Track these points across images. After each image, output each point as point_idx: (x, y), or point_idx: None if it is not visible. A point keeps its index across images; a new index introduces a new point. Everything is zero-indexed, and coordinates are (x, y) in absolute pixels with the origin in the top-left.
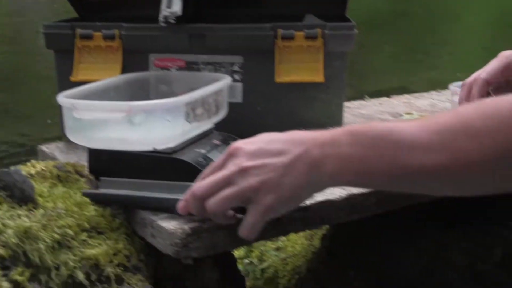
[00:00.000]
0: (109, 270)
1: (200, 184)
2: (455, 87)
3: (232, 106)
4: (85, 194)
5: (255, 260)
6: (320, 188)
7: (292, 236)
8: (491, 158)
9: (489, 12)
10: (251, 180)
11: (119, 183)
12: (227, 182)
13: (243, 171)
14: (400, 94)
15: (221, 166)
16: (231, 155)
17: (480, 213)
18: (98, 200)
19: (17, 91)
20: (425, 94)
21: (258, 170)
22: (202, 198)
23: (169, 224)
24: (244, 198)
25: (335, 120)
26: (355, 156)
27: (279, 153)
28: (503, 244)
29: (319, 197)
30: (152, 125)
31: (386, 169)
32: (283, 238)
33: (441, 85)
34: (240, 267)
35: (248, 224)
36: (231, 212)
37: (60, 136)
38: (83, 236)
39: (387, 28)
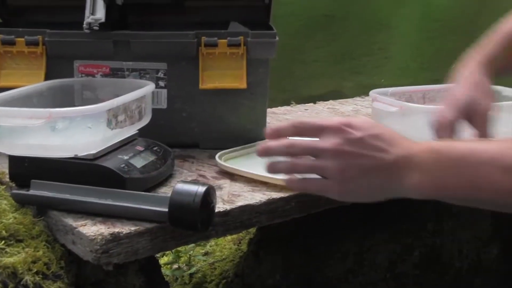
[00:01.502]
0: (28, 278)
1: (299, 142)
2: (376, 93)
3: (156, 112)
4: (13, 194)
5: (183, 266)
6: (398, 195)
7: (221, 240)
8: None
9: (416, 20)
10: (336, 164)
11: (47, 186)
12: (319, 153)
13: (339, 153)
14: (334, 98)
15: (321, 131)
16: (334, 129)
17: (400, 217)
18: (26, 201)
19: None
20: (349, 100)
21: (350, 160)
22: (292, 153)
23: (89, 231)
24: (322, 174)
25: (259, 125)
26: (436, 175)
27: (376, 149)
28: (421, 246)
29: (240, 202)
30: (73, 132)
31: (465, 188)
32: (211, 243)
33: (372, 89)
34: (168, 272)
35: (314, 186)
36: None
37: None
38: (1, 244)
39: (324, 33)
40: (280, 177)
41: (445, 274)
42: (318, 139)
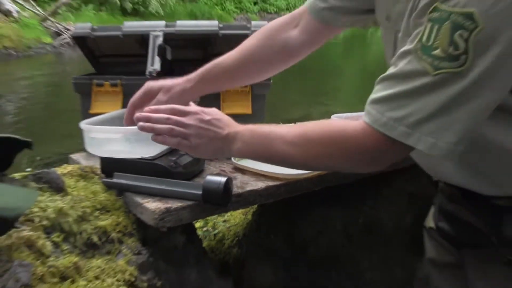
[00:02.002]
0: (113, 235)
1: (174, 117)
2: (335, 117)
3: None
4: (104, 182)
5: (209, 229)
6: (229, 155)
7: (234, 212)
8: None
9: (359, 66)
10: (194, 134)
11: (124, 177)
12: (185, 126)
13: (196, 128)
14: (304, 120)
15: (184, 113)
16: (195, 113)
17: (349, 198)
18: (111, 186)
19: (58, 119)
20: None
21: (202, 131)
22: (167, 123)
23: (151, 206)
24: (185, 138)
25: None
26: (248, 144)
27: (215, 127)
28: (364, 215)
29: (248, 187)
30: (140, 142)
31: (266, 154)
32: (228, 214)
33: (332, 114)
34: (199, 233)
35: (173, 143)
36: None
37: (83, 149)
38: (96, 213)
39: (298, 76)
40: (274, 171)
41: (378, 234)
42: (185, 118)
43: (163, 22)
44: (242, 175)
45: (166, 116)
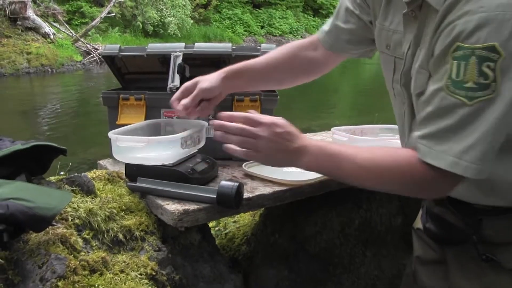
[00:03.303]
0: (137, 233)
1: (247, 128)
2: (335, 129)
3: (208, 139)
4: (129, 186)
5: (221, 228)
6: (296, 166)
7: (243, 214)
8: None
9: (353, 84)
10: (265, 146)
11: (147, 181)
12: (257, 138)
13: (268, 140)
14: (306, 132)
15: (257, 123)
16: (268, 125)
17: (347, 202)
18: (135, 189)
19: (89, 130)
20: (318, 133)
21: (272, 144)
22: (241, 134)
23: (171, 207)
24: (256, 150)
25: None
26: (317, 159)
27: (287, 140)
28: (359, 217)
29: (257, 192)
30: (161, 150)
31: (333, 172)
32: (238, 215)
33: (331, 127)
34: (212, 232)
35: (242, 154)
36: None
37: (109, 156)
38: (122, 213)
39: (299, 92)
40: (277, 177)
41: (372, 233)
42: (257, 128)
43: (182, 44)
44: (251, 181)
45: (239, 126)
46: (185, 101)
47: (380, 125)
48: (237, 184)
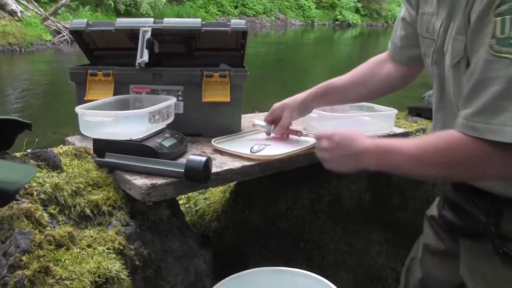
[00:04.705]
0: (104, 208)
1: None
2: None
3: (176, 115)
4: (97, 161)
5: (191, 205)
6: (365, 168)
7: (213, 190)
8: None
9: (327, 64)
10: (329, 154)
11: (115, 157)
12: (323, 148)
13: (330, 149)
14: None
15: (320, 138)
16: (329, 138)
17: (317, 179)
18: (103, 165)
19: (59, 111)
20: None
21: (334, 151)
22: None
23: (138, 182)
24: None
25: (237, 124)
26: (376, 158)
27: (345, 147)
28: (329, 194)
29: (226, 167)
30: (129, 125)
31: (390, 167)
32: (208, 191)
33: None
34: (182, 209)
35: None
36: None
37: (78, 133)
38: (89, 188)
39: (273, 70)
40: (245, 152)
41: (342, 210)
42: (322, 141)
43: (151, 19)
44: (220, 156)
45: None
46: (279, 130)
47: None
48: (205, 158)
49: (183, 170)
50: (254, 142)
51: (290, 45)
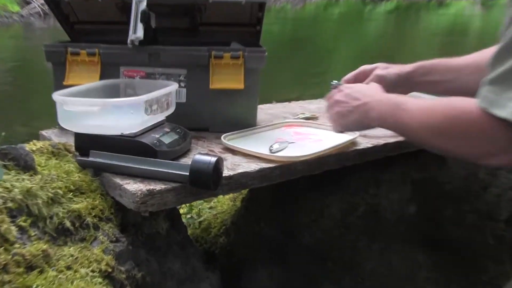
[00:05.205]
0: (89, 219)
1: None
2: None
3: (178, 105)
4: (79, 161)
5: (194, 216)
6: (370, 126)
7: (221, 198)
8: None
9: (353, 48)
10: (336, 108)
11: (102, 155)
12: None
13: (337, 102)
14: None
15: (339, 90)
16: (339, 90)
17: (350, 183)
18: (87, 165)
19: (32, 99)
20: (314, 101)
21: (342, 104)
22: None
23: (132, 187)
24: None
25: (252, 117)
26: (382, 113)
27: (354, 99)
28: (365, 203)
29: (239, 169)
30: (120, 116)
31: (392, 123)
32: (214, 200)
33: (323, 97)
34: (184, 220)
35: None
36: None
37: (56, 125)
38: (70, 195)
39: (288, 54)
40: (263, 151)
41: (380, 223)
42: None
43: None
44: (233, 156)
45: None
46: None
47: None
48: (215, 158)
49: (187, 173)
50: (273, 140)
51: (310, 22)
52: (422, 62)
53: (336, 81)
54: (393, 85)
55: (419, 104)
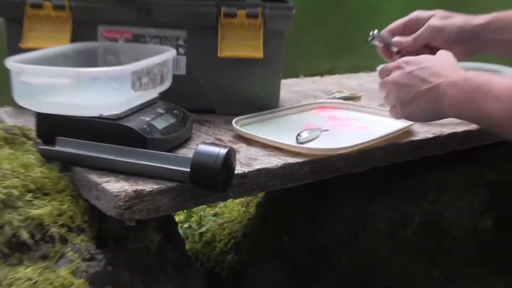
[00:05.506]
0: (54, 230)
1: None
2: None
3: (176, 78)
4: (42, 151)
5: (194, 225)
6: (440, 116)
7: (229, 203)
8: None
9: (402, 8)
10: (395, 94)
11: (72, 144)
12: (388, 87)
13: (396, 85)
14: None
15: (390, 70)
16: (396, 67)
17: (402, 187)
18: (52, 157)
19: None
20: (353, 75)
21: (404, 88)
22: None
23: (113, 187)
24: (390, 103)
25: (273, 94)
26: (459, 98)
27: (420, 80)
28: (422, 214)
29: (257, 165)
30: (99, 92)
31: (471, 112)
32: (220, 204)
33: (365, 70)
34: (179, 231)
35: (392, 113)
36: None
37: (9, 101)
38: (28, 196)
39: (317, 16)
40: (288, 141)
41: (442, 242)
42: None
43: None
44: (247, 146)
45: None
46: (403, 39)
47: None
48: (225, 150)
49: (188, 170)
50: (301, 126)
51: None
52: (498, 13)
53: (376, 31)
54: (453, 41)
55: (509, 84)
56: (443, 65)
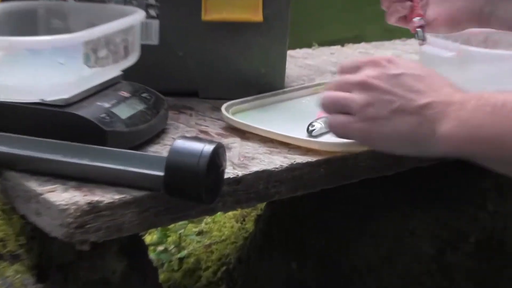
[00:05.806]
0: None
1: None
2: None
3: (146, 49)
4: None
5: (171, 247)
6: (426, 147)
7: (219, 217)
8: None
9: None
10: (361, 98)
11: (5, 139)
12: (350, 87)
13: (366, 85)
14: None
15: (358, 68)
16: (373, 63)
17: (452, 194)
18: None
19: None
20: (386, 43)
21: (376, 95)
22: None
23: (60, 198)
24: (348, 110)
25: (276, 71)
26: (471, 119)
27: (410, 90)
28: (478, 230)
29: (254, 166)
30: (40, 69)
31: (500, 139)
32: (207, 219)
33: (401, 35)
34: (152, 255)
35: (336, 124)
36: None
37: None
38: None
39: None
40: (297, 134)
41: (506, 267)
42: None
43: None
44: (241, 140)
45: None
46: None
47: None
48: (212, 147)
49: (161, 174)
50: (314, 113)
51: None
52: None
53: None
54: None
55: None
56: (442, 80)
